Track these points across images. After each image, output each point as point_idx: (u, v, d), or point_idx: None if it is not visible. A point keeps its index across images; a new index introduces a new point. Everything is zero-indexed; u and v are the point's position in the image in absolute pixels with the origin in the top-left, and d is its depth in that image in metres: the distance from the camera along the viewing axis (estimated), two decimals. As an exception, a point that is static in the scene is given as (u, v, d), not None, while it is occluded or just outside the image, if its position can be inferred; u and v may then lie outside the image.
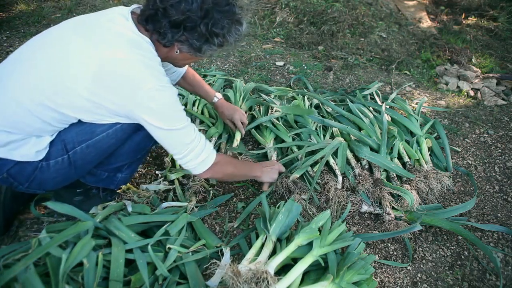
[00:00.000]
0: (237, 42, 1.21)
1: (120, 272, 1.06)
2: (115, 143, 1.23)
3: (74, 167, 1.21)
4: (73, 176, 1.25)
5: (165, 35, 1.09)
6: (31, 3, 3.39)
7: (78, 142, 1.17)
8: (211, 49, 1.16)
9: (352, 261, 1.19)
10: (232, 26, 1.15)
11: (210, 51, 1.17)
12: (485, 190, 1.79)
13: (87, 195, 1.44)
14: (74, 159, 1.19)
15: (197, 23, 1.08)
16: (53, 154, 1.16)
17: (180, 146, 1.20)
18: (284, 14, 3.48)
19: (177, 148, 1.20)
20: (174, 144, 1.20)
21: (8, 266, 0.95)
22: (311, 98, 2.18)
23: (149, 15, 1.08)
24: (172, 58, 1.23)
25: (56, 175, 1.19)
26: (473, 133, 2.17)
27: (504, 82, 2.65)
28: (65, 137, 1.16)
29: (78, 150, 1.17)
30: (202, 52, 1.16)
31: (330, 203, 1.54)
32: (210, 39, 1.12)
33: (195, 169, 1.26)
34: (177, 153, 1.21)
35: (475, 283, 1.36)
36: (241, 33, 1.20)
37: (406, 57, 2.97)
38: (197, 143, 1.23)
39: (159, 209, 1.43)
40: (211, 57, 1.22)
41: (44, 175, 1.17)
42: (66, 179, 1.25)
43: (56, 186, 1.25)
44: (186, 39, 1.11)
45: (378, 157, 1.70)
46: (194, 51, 1.16)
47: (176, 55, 1.20)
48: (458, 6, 3.93)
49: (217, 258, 1.25)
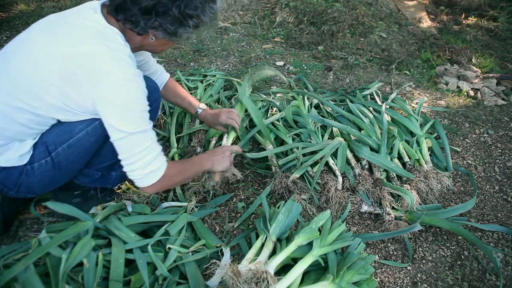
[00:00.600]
0: (213, 21, 1.16)
1: (120, 272, 1.06)
2: (97, 140, 1.19)
3: (59, 169, 1.18)
4: (60, 177, 1.22)
5: (137, 23, 1.06)
6: (31, 3, 3.40)
7: (59, 142, 1.14)
8: (186, 32, 1.12)
9: (352, 261, 1.19)
10: (206, 4, 1.10)
11: (186, 34, 1.13)
12: (485, 190, 1.79)
13: (85, 196, 1.44)
14: (58, 160, 1.16)
15: (168, 7, 1.05)
16: (36, 157, 1.14)
17: (131, 151, 1.09)
18: (284, 14, 3.48)
19: (127, 152, 1.09)
20: (126, 147, 1.09)
21: (8, 266, 0.95)
22: (311, 98, 2.18)
23: (118, 5, 1.05)
24: (149, 46, 1.19)
25: (42, 178, 1.17)
26: (473, 133, 2.17)
27: (504, 82, 2.65)
28: (47, 139, 1.14)
29: (60, 151, 1.15)
30: (178, 36, 1.12)
31: (330, 203, 1.54)
32: (184, 22, 1.09)
33: (139, 180, 1.14)
34: (125, 158, 1.10)
35: (475, 283, 1.36)
36: (215, 11, 1.14)
37: (406, 57, 2.97)
38: (150, 151, 1.12)
39: (159, 209, 1.44)
40: (188, 40, 1.16)
41: (30, 179, 1.15)
42: (54, 182, 1.22)
43: (45, 189, 1.23)
44: (159, 24, 1.08)
45: (378, 157, 1.70)
46: (169, 36, 1.12)
47: (152, 42, 1.16)
48: (458, 6, 3.93)
49: (217, 258, 1.25)
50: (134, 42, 1.14)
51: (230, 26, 3.38)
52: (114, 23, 1.09)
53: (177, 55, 2.80)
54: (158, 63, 1.59)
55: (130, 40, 1.13)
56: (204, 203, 1.57)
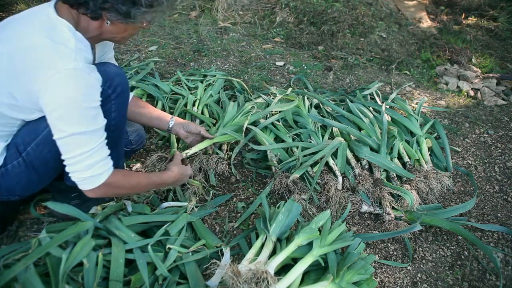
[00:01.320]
0: (171, 2, 1.10)
1: (120, 272, 1.06)
2: None
3: (33, 169, 1.15)
4: (38, 178, 1.19)
5: (87, 5, 1.01)
6: (31, 3, 3.39)
7: (27, 142, 1.11)
8: (140, 12, 1.06)
9: (352, 261, 1.19)
10: None
11: (141, 15, 1.07)
12: (485, 190, 1.79)
13: (83, 197, 1.41)
14: (29, 160, 1.13)
15: None
16: (9, 159, 1.12)
17: (72, 152, 1.03)
18: (284, 14, 3.48)
19: (68, 153, 1.03)
20: (67, 147, 1.03)
21: (8, 266, 0.95)
22: (311, 98, 2.18)
23: None
24: (107, 33, 1.13)
25: (20, 179, 1.15)
26: (473, 133, 2.17)
27: (504, 82, 2.65)
28: (16, 140, 1.12)
29: (29, 150, 1.12)
30: (132, 17, 1.06)
31: (330, 203, 1.54)
32: (136, 0, 1.03)
33: (79, 183, 1.09)
34: (67, 158, 1.05)
35: (475, 283, 1.36)
36: None
37: (406, 57, 2.97)
38: (93, 154, 1.06)
39: (159, 209, 1.44)
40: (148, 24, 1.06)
41: (8, 181, 1.14)
42: (33, 182, 1.19)
43: (27, 190, 1.20)
44: (111, 5, 1.03)
45: (378, 157, 1.70)
46: (123, 17, 1.05)
47: (109, 28, 1.10)
48: (458, 6, 3.93)
49: (217, 258, 1.25)
50: (92, 29, 1.09)
51: (230, 26, 3.38)
52: (67, 13, 1.05)
53: (177, 55, 2.80)
54: (158, 63, 1.57)
55: (88, 28, 1.08)
56: (204, 203, 1.57)
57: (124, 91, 1.23)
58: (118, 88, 1.19)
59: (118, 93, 1.19)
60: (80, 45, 1.04)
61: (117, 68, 1.24)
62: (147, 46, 2.91)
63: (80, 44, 1.04)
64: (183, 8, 3.61)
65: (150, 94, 2.17)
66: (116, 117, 1.22)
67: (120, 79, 1.21)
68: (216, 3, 3.52)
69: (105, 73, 1.12)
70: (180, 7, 3.60)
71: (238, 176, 1.75)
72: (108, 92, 1.15)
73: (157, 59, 2.63)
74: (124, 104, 1.26)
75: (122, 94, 1.21)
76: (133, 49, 2.85)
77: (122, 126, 1.31)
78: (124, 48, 2.86)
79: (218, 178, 1.72)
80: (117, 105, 1.20)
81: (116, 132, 1.26)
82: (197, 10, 3.59)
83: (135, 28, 1.16)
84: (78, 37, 1.05)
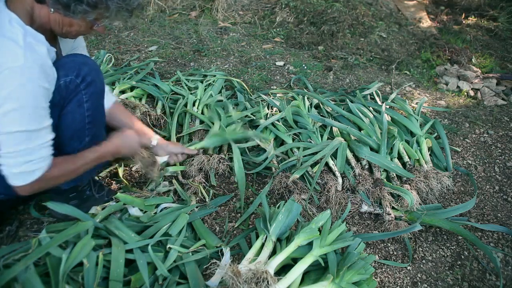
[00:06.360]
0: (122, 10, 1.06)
1: (120, 272, 1.06)
2: None
3: None
4: None
5: None
6: None
7: None
8: (81, 9, 1.02)
9: (352, 261, 1.19)
10: None
11: (82, 13, 1.03)
12: (485, 190, 1.79)
13: (81, 198, 1.41)
14: None
15: None
16: None
17: (10, 147, 1.00)
18: (284, 14, 3.48)
19: (7, 148, 1.00)
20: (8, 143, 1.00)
21: (8, 266, 0.95)
22: (311, 98, 2.18)
23: None
24: (54, 22, 1.08)
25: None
26: (473, 133, 2.17)
27: (504, 82, 2.65)
28: None
29: None
30: (71, 11, 1.02)
31: (330, 203, 1.54)
32: None
33: (9, 178, 1.05)
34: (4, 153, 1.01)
35: (475, 283, 1.36)
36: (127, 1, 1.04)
37: (406, 57, 2.97)
38: (29, 153, 1.03)
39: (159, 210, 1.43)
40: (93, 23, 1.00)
41: None
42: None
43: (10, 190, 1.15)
44: None
45: (378, 157, 1.70)
46: (62, 8, 1.02)
47: (54, 17, 1.06)
48: (458, 6, 3.93)
49: (217, 258, 1.25)
50: (42, 16, 1.06)
51: (230, 26, 3.38)
52: (19, 6, 1.03)
53: (177, 55, 2.80)
54: (158, 63, 1.56)
55: (39, 17, 1.06)
56: (204, 203, 1.57)
57: (95, 81, 1.20)
58: (88, 77, 1.16)
59: (88, 82, 1.16)
60: (30, 39, 1.01)
61: (85, 58, 1.20)
62: (147, 46, 2.91)
63: (30, 38, 1.01)
64: (183, 8, 3.61)
65: (150, 94, 2.17)
66: (91, 108, 1.18)
67: (88, 68, 1.18)
68: (216, 3, 3.52)
69: (72, 63, 1.11)
70: (180, 7, 3.60)
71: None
72: (77, 81, 1.12)
73: (157, 59, 2.63)
74: (98, 94, 1.22)
75: (93, 83, 1.18)
76: (133, 49, 2.85)
77: (99, 120, 1.26)
78: (124, 48, 2.86)
79: (218, 178, 1.72)
80: (89, 95, 1.16)
81: (94, 129, 1.23)
82: (197, 10, 3.59)
83: (82, 26, 1.11)
84: (29, 31, 1.02)
